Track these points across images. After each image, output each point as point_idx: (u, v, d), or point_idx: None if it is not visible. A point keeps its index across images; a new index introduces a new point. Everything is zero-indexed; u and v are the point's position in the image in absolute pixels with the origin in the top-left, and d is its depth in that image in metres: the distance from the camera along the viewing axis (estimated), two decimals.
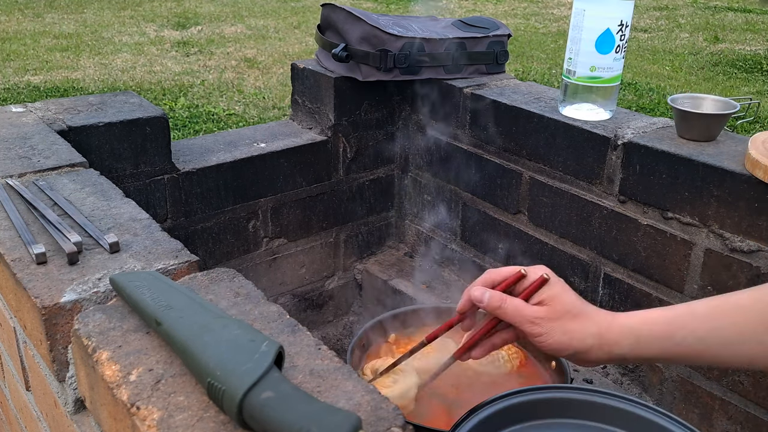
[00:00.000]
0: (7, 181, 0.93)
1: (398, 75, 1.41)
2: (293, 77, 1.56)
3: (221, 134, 1.52)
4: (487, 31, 1.49)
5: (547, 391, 0.80)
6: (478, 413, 0.76)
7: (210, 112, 3.44)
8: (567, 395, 0.78)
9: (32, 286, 0.71)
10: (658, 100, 3.70)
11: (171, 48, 4.73)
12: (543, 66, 4.44)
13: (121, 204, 0.88)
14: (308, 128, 1.54)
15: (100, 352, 0.62)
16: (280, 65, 4.34)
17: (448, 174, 1.53)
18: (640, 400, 0.76)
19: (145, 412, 0.55)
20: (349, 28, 1.41)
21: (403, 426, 0.53)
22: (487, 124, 1.40)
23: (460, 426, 0.73)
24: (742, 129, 3.10)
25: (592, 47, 1.20)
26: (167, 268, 0.75)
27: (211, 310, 0.61)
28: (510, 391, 0.79)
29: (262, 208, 1.47)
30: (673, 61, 4.66)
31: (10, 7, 5.86)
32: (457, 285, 1.56)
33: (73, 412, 0.74)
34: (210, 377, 0.53)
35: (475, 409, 0.76)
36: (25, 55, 4.42)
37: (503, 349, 1.17)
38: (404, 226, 1.71)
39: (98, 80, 3.94)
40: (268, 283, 1.54)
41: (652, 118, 1.25)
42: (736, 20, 6.10)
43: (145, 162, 1.28)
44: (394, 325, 1.23)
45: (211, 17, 5.75)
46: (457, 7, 6.45)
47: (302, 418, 0.48)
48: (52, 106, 1.28)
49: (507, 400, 0.78)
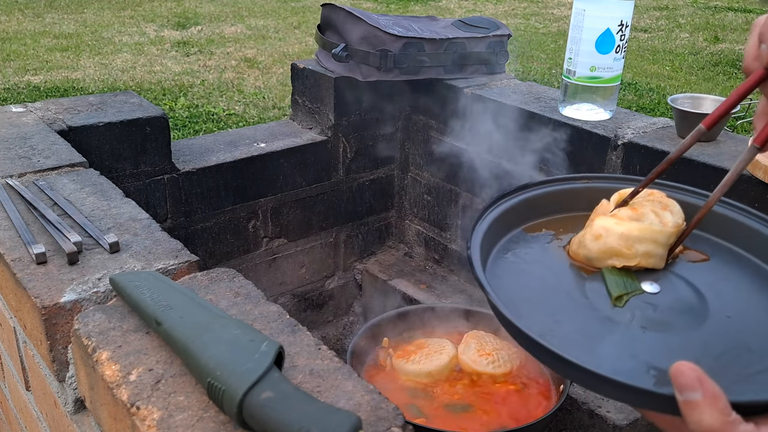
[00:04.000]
0: (7, 181, 0.93)
1: (398, 75, 1.41)
2: (293, 77, 1.56)
3: (221, 134, 1.52)
4: (487, 31, 1.49)
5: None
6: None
7: (210, 112, 3.44)
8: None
9: (32, 286, 0.71)
10: (658, 100, 3.70)
11: (171, 48, 4.73)
12: (543, 66, 4.44)
13: (121, 204, 0.88)
14: (308, 128, 1.54)
15: (100, 352, 0.62)
16: (280, 65, 4.34)
17: (447, 174, 1.53)
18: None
19: (145, 412, 0.55)
20: (349, 28, 1.41)
21: (403, 426, 0.53)
22: (487, 125, 1.40)
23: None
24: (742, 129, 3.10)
25: (592, 47, 1.20)
26: (167, 268, 0.75)
27: (211, 310, 0.61)
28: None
29: (262, 208, 1.47)
30: (673, 61, 4.66)
31: (10, 7, 5.86)
32: (457, 285, 1.56)
33: (73, 412, 0.74)
34: (210, 377, 0.53)
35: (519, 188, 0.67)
36: (25, 55, 4.42)
37: (503, 350, 1.17)
38: (404, 226, 1.70)
39: (98, 80, 3.94)
40: (268, 283, 1.54)
41: (652, 118, 1.25)
42: (736, 20, 6.09)
43: (145, 162, 1.28)
44: (394, 325, 1.23)
45: (211, 17, 5.75)
46: (457, 7, 6.45)
47: (302, 418, 0.48)
48: (52, 106, 1.28)
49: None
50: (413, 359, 1.15)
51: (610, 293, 0.57)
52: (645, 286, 0.58)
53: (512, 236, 0.64)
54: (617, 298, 0.56)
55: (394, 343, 1.20)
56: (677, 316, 0.55)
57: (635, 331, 0.53)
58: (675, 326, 0.54)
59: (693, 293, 0.58)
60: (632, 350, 0.51)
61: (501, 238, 0.63)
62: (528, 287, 0.59)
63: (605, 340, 0.53)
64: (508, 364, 1.14)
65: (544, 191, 0.67)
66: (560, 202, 0.67)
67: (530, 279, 0.60)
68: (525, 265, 0.61)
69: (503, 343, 1.18)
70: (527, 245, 0.63)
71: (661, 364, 0.48)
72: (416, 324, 1.25)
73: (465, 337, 1.20)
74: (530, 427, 1.01)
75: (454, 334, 1.24)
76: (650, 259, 0.59)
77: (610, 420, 1.12)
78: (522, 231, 0.65)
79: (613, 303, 0.56)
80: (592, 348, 0.52)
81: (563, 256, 0.62)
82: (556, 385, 1.12)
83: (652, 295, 0.57)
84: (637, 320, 0.54)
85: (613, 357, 0.51)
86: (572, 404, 1.16)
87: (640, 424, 1.16)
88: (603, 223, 0.60)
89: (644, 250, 0.59)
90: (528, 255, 0.62)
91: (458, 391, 1.10)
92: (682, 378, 0.45)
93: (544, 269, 0.61)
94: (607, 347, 0.52)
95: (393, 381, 1.13)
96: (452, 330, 1.25)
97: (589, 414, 1.15)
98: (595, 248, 0.59)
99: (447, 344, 1.18)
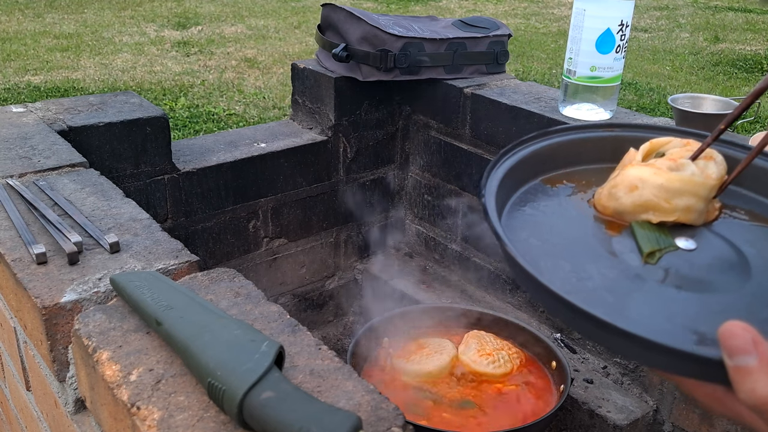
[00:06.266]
0: (8, 181, 0.93)
1: (398, 75, 1.41)
2: (293, 77, 1.56)
3: (221, 134, 1.52)
4: (487, 31, 1.49)
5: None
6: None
7: (210, 112, 3.44)
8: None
9: (32, 286, 0.71)
10: (659, 100, 3.70)
11: (171, 48, 4.73)
12: (543, 66, 4.44)
13: (121, 204, 0.88)
14: (308, 128, 1.54)
15: (100, 352, 0.62)
16: (281, 65, 4.34)
17: (448, 174, 1.53)
18: None
19: (145, 412, 0.55)
20: (349, 28, 1.41)
21: (403, 426, 0.53)
22: (487, 124, 1.40)
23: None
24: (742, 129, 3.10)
25: (592, 47, 1.20)
26: (167, 268, 0.75)
27: (211, 310, 0.61)
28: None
29: (263, 208, 1.47)
30: (673, 61, 4.66)
31: (10, 7, 5.86)
32: (457, 285, 1.56)
33: (73, 412, 0.74)
34: (210, 377, 0.53)
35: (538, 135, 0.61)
36: (26, 55, 4.42)
37: (504, 350, 1.17)
38: (404, 226, 1.70)
39: (98, 80, 3.94)
40: (268, 283, 1.54)
41: (652, 118, 1.25)
42: (737, 20, 6.09)
43: (145, 162, 1.28)
44: (394, 325, 1.23)
45: (212, 17, 5.75)
46: (457, 7, 6.45)
47: (302, 418, 0.48)
48: (53, 106, 1.28)
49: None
50: (413, 359, 1.15)
51: (640, 249, 0.51)
52: (679, 242, 0.52)
53: (530, 187, 0.58)
54: (649, 255, 0.51)
55: (394, 343, 1.20)
56: (716, 275, 0.50)
57: (670, 290, 0.48)
58: (714, 286, 0.49)
59: (732, 251, 0.52)
60: (667, 311, 0.46)
61: (517, 189, 0.58)
62: (548, 241, 0.53)
63: (636, 299, 0.48)
64: (508, 364, 1.14)
65: (566, 139, 0.61)
66: (582, 151, 0.61)
67: (551, 233, 0.54)
68: (544, 218, 0.55)
69: (503, 343, 1.19)
70: (546, 197, 0.58)
71: (702, 327, 0.43)
72: (416, 324, 1.25)
73: (465, 337, 1.20)
74: (530, 427, 1.01)
75: (454, 334, 1.24)
76: (690, 214, 0.53)
77: (610, 420, 1.12)
78: (540, 182, 0.59)
79: (645, 260, 0.51)
80: (622, 308, 0.47)
81: (587, 209, 0.56)
82: (557, 385, 1.12)
83: (687, 252, 0.52)
84: (672, 278, 0.49)
85: (646, 318, 0.46)
86: (572, 404, 1.16)
87: (640, 423, 1.16)
88: (639, 173, 0.53)
89: (684, 204, 0.53)
90: (548, 207, 0.57)
91: (458, 391, 1.10)
92: (735, 339, 0.38)
93: (565, 222, 0.55)
94: (638, 307, 0.47)
95: (393, 381, 1.13)
96: (452, 330, 1.26)
97: (589, 414, 1.15)
98: (628, 201, 0.53)
99: (447, 344, 1.18)
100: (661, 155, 0.56)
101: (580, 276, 0.49)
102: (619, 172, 0.56)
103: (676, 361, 0.40)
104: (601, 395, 1.18)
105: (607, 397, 1.17)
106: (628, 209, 0.54)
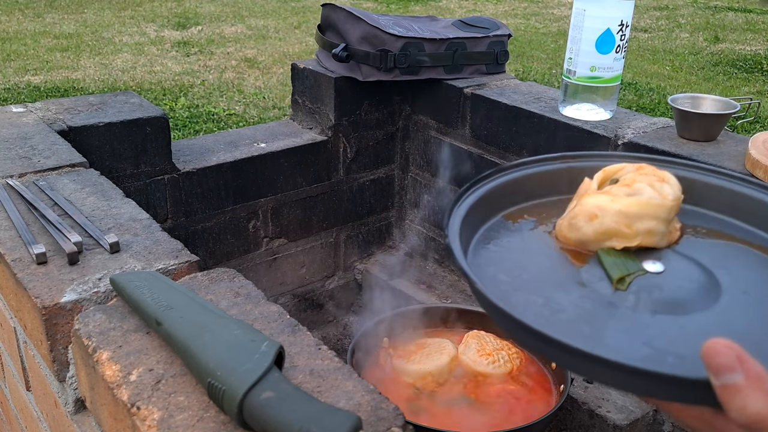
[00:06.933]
0: (8, 181, 0.93)
1: (398, 75, 1.41)
2: (293, 77, 1.56)
3: (221, 134, 1.52)
4: (487, 31, 1.49)
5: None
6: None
7: (210, 112, 3.44)
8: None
9: (32, 286, 0.71)
10: (659, 100, 3.70)
11: (171, 48, 4.73)
12: (543, 66, 4.44)
13: (121, 204, 0.88)
14: (308, 128, 1.54)
15: (100, 352, 0.62)
16: (281, 65, 4.33)
17: (448, 174, 1.53)
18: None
19: (145, 412, 0.55)
20: (349, 28, 1.41)
21: (403, 426, 0.53)
22: (487, 124, 1.40)
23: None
24: (742, 129, 3.10)
25: (592, 47, 1.20)
26: (167, 268, 0.75)
27: (211, 310, 0.61)
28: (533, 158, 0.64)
29: (263, 208, 1.47)
30: (673, 61, 4.66)
31: (10, 7, 5.86)
32: (457, 285, 1.56)
33: (73, 412, 0.74)
34: (210, 377, 0.53)
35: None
36: (26, 55, 4.42)
37: (504, 350, 1.17)
38: (404, 226, 1.70)
39: (98, 80, 3.94)
40: (268, 283, 1.54)
41: (652, 118, 1.25)
42: (737, 20, 6.09)
43: (145, 162, 1.28)
44: (394, 325, 1.23)
45: (212, 17, 5.75)
46: (457, 7, 6.45)
47: (302, 418, 0.48)
48: (53, 106, 1.28)
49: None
50: (413, 359, 1.15)
51: (609, 276, 0.52)
52: (647, 265, 0.53)
53: (492, 224, 0.59)
54: (619, 281, 0.51)
55: (394, 343, 1.20)
56: (687, 295, 0.50)
57: (644, 315, 0.48)
58: (687, 306, 0.49)
59: (699, 269, 0.53)
60: (645, 337, 0.46)
61: (480, 226, 0.58)
62: (517, 277, 0.53)
63: (612, 327, 0.47)
64: (508, 364, 1.14)
65: (522, 174, 0.62)
66: (539, 185, 0.62)
67: (518, 268, 0.54)
68: (510, 254, 0.56)
69: (503, 343, 1.18)
70: (509, 233, 0.58)
71: (681, 349, 0.43)
72: (416, 324, 1.24)
73: (465, 337, 1.20)
74: (530, 427, 1.01)
75: (454, 334, 1.24)
76: (652, 237, 0.54)
77: (610, 420, 1.12)
78: (502, 218, 0.60)
79: (615, 287, 0.51)
80: (600, 336, 0.47)
81: (550, 241, 0.57)
82: (557, 385, 1.12)
83: (656, 274, 0.52)
84: (644, 303, 0.49)
85: (625, 345, 0.45)
86: (572, 404, 1.16)
87: (640, 423, 1.16)
88: (597, 202, 0.54)
89: (645, 228, 0.53)
90: (512, 243, 0.57)
91: (458, 391, 1.10)
92: (719, 357, 0.37)
93: (531, 256, 0.56)
94: (615, 335, 0.47)
95: (393, 381, 1.13)
96: (452, 330, 1.26)
97: (589, 414, 1.15)
98: (590, 230, 0.54)
99: (447, 344, 1.18)
100: (615, 182, 0.57)
101: (553, 309, 0.49)
102: (577, 202, 0.56)
103: (660, 385, 0.40)
104: (600, 395, 1.18)
105: (606, 397, 1.17)
106: (591, 238, 0.54)
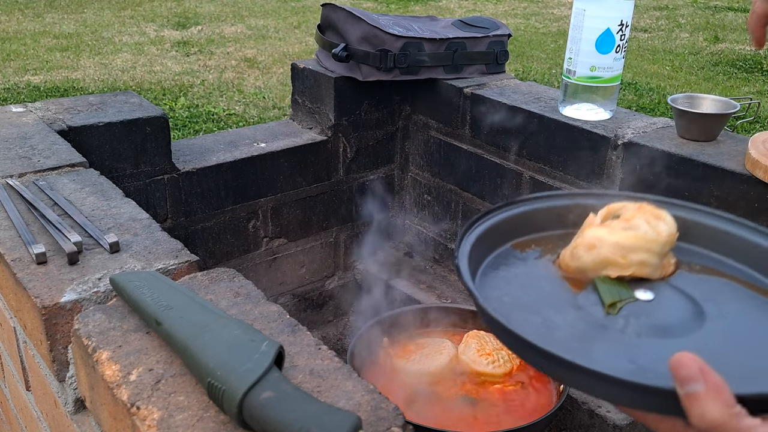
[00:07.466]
0: (7, 181, 0.93)
1: (398, 75, 1.41)
2: (293, 77, 1.56)
3: (221, 134, 1.52)
4: (487, 31, 1.49)
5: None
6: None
7: (210, 112, 3.44)
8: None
9: (32, 286, 0.71)
10: (658, 100, 3.70)
11: (171, 48, 4.73)
12: (543, 66, 4.44)
13: (121, 204, 0.88)
14: (308, 128, 1.54)
15: (100, 352, 0.62)
16: (280, 65, 4.33)
17: (448, 174, 1.53)
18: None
19: (145, 412, 0.55)
20: (349, 28, 1.41)
21: (403, 426, 0.53)
22: (487, 124, 1.40)
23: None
24: (742, 129, 3.10)
25: (592, 47, 1.20)
26: (167, 268, 0.75)
27: (211, 310, 0.61)
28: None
29: (262, 208, 1.47)
30: (673, 61, 4.66)
31: (10, 7, 5.86)
32: (457, 285, 1.56)
33: (73, 412, 0.74)
34: (210, 377, 0.53)
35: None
36: (25, 55, 4.42)
37: (503, 350, 1.17)
38: (404, 226, 1.70)
39: (98, 80, 3.94)
40: (268, 283, 1.54)
41: (652, 118, 1.25)
42: (736, 20, 6.09)
43: (145, 162, 1.28)
44: (394, 325, 1.23)
45: (211, 17, 5.75)
46: (457, 7, 6.45)
47: (302, 418, 0.48)
48: (52, 106, 1.28)
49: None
50: (413, 359, 1.15)
51: (603, 301, 0.57)
52: (638, 294, 0.58)
53: (501, 252, 0.65)
54: (610, 306, 0.56)
55: (394, 343, 1.20)
56: (673, 321, 0.55)
57: (630, 337, 0.53)
58: (671, 331, 0.54)
59: (687, 300, 0.58)
60: (629, 355, 0.51)
61: (490, 253, 0.64)
62: (519, 299, 0.59)
63: (601, 346, 0.53)
64: (508, 364, 1.14)
65: (532, 207, 0.68)
66: (547, 218, 0.68)
67: (521, 291, 0.60)
68: (515, 279, 0.62)
69: None
70: (517, 260, 0.64)
71: (661, 367, 0.47)
72: (416, 324, 1.24)
73: (465, 337, 1.20)
74: (530, 427, 1.01)
75: (454, 334, 1.24)
76: (645, 268, 0.59)
77: (610, 420, 1.12)
78: (511, 247, 0.66)
79: (607, 310, 0.56)
80: (587, 351, 0.52)
81: (553, 270, 0.63)
82: (556, 385, 1.12)
83: (645, 302, 0.57)
84: (632, 327, 0.54)
85: (610, 361, 0.51)
86: (572, 404, 1.16)
87: (640, 423, 1.16)
88: (596, 233, 0.60)
89: (639, 259, 0.59)
90: (518, 269, 0.63)
91: (458, 391, 1.10)
92: (683, 369, 0.42)
93: (534, 282, 0.61)
94: (603, 352, 0.52)
95: (393, 381, 1.13)
96: (452, 330, 1.25)
97: (589, 414, 1.15)
98: (588, 259, 0.60)
99: (447, 344, 1.18)
100: (617, 217, 0.62)
101: (549, 327, 0.55)
102: (581, 234, 0.62)
103: (635, 395, 0.45)
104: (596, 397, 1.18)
105: (603, 400, 1.17)
106: (589, 266, 0.60)
